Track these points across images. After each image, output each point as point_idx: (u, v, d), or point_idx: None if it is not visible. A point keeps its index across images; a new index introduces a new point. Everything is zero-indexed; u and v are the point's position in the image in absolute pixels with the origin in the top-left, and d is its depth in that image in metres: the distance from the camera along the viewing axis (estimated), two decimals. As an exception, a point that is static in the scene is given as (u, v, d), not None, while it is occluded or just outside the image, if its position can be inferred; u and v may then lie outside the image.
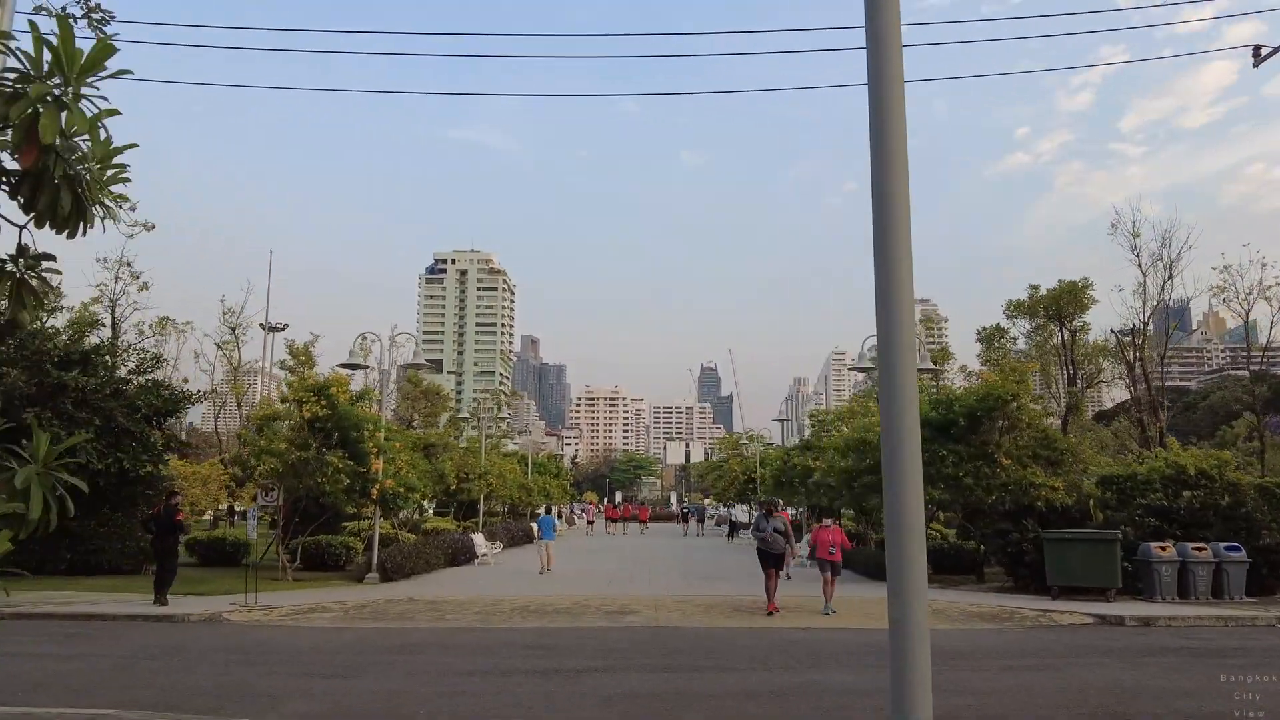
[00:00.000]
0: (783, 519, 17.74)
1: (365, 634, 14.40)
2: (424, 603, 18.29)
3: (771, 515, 17.44)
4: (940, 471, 21.85)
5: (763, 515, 17.56)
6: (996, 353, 38.46)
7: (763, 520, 17.32)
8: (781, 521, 17.44)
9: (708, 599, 19.13)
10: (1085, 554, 18.68)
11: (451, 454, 35.41)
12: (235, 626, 15.35)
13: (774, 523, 17.12)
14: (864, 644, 13.52)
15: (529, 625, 15.29)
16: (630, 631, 14.53)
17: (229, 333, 36.73)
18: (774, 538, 16.80)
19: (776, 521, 17.23)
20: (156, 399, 23.14)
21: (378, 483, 21.96)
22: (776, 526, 17.03)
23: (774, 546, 16.84)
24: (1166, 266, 30.80)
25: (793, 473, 35.21)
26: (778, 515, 17.74)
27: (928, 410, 23.02)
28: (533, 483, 52.23)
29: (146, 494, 23.93)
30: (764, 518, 17.40)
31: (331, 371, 23.86)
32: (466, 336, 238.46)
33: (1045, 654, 12.73)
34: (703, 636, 14.11)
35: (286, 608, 17.39)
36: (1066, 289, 34.20)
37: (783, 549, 16.97)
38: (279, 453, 21.10)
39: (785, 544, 17.08)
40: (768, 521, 17.13)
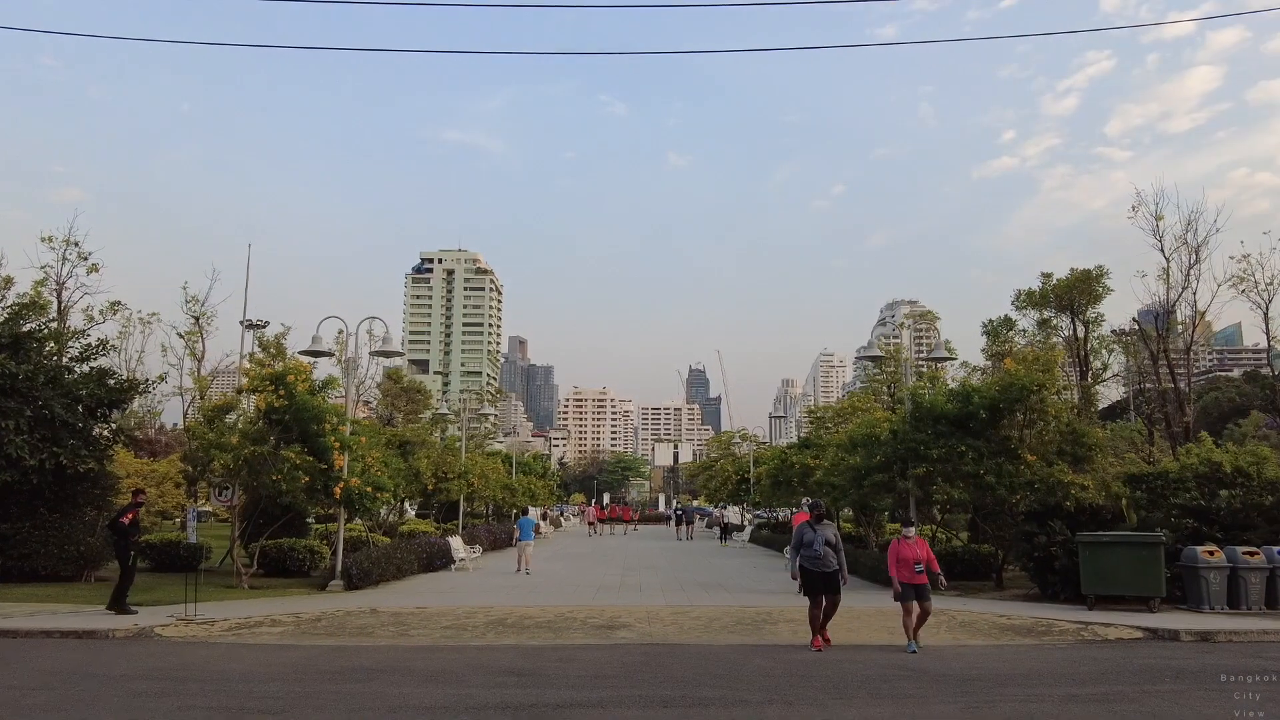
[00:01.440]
0: (834, 527, 13.47)
1: (312, 654, 12.39)
2: (387, 615, 16.29)
3: (822, 521, 13.22)
4: (959, 469, 20.03)
5: (809, 523, 13.28)
6: (1002, 346, 36.67)
7: (809, 529, 13.10)
8: (834, 530, 13.23)
9: (707, 610, 17.20)
10: (1125, 559, 16.84)
11: (428, 452, 33.35)
12: (164, 645, 13.31)
13: (824, 532, 12.97)
14: (893, 666, 11.63)
15: (505, 643, 13.32)
16: (622, 651, 12.58)
17: (193, 322, 34.57)
18: (825, 553, 12.82)
19: (827, 530, 13.05)
20: (100, 389, 21.02)
21: (341, 481, 19.92)
22: (828, 538, 12.91)
23: (826, 564, 12.85)
24: (1193, 250, 29.09)
25: (791, 472, 33.34)
26: (828, 522, 13.47)
27: (943, 403, 21.22)
28: (517, 483, 50.16)
29: (92, 493, 21.82)
30: (810, 525, 13.16)
31: (291, 358, 21.78)
32: (453, 337, 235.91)
33: (1108, 679, 10.84)
34: (705, 658, 12.18)
35: (231, 621, 15.36)
36: (1079, 278, 32.46)
37: (836, 567, 12.89)
38: (231, 447, 19.05)
39: (839, 560, 12.97)
40: (816, 530, 13.02)
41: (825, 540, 12.87)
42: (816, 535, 12.91)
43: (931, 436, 20.53)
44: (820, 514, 13.33)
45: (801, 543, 13.06)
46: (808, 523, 13.33)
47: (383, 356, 23.36)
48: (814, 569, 12.87)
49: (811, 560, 12.85)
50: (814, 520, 13.25)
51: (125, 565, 16.34)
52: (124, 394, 21.64)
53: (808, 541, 12.96)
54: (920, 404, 21.41)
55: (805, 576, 12.99)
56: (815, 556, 12.81)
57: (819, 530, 13.01)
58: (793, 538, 13.40)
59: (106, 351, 22.48)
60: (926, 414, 21.07)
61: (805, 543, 12.98)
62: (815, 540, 12.86)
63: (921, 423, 21.01)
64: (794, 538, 13.36)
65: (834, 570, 12.84)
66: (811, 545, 12.85)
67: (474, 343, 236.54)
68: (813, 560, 12.84)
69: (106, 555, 21.68)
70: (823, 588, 12.84)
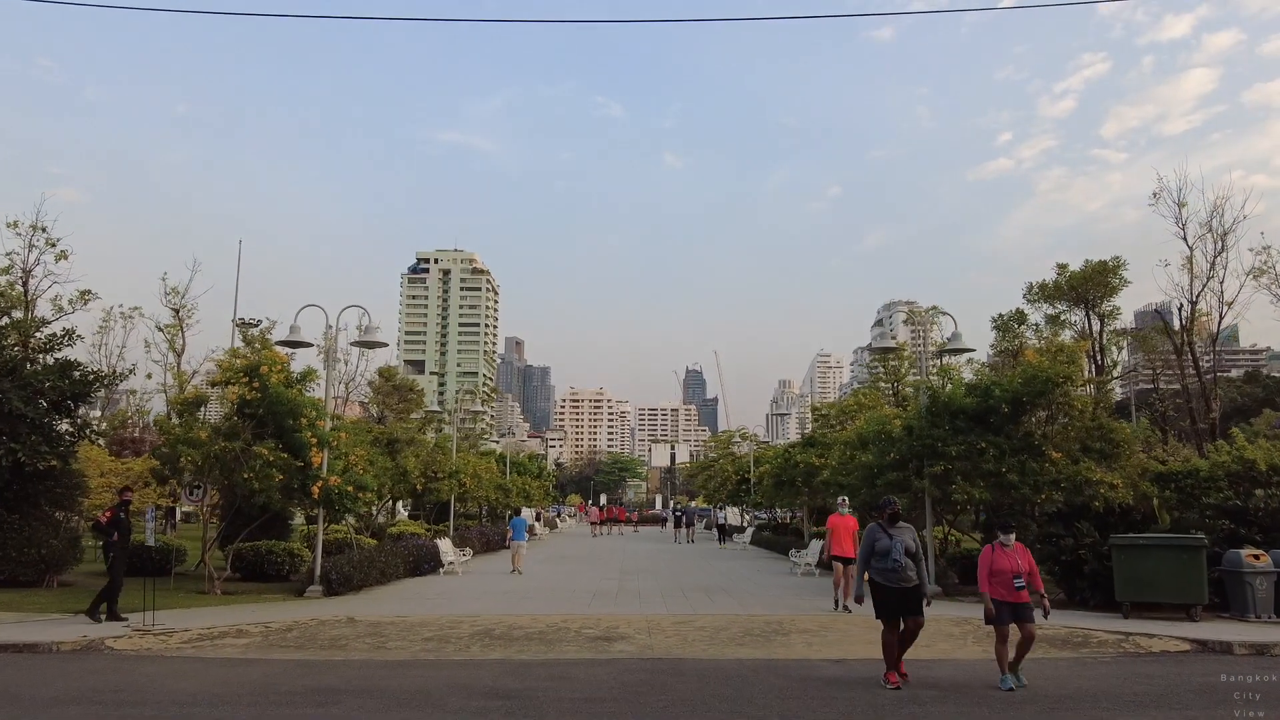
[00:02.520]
0: (913, 531, 10.70)
1: (275, 671, 11.10)
2: (365, 625, 14.99)
3: (897, 524, 10.54)
4: (979, 467, 18.76)
5: (880, 525, 10.55)
6: (1012, 341, 35.40)
7: (882, 533, 10.39)
8: (913, 535, 10.54)
9: (711, 619, 15.91)
10: (1164, 563, 15.57)
11: (417, 450, 32.02)
12: (113, 660, 12.01)
13: (902, 537, 10.32)
14: (923, 684, 10.37)
15: (491, 658, 12.04)
16: (620, 667, 11.29)
17: (172, 315, 33.23)
18: (905, 563, 10.15)
19: (906, 535, 10.38)
20: (63, 381, 19.70)
21: (319, 479, 18.62)
22: (907, 544, 10.27)
23: (905, 577, 10.16)
24: (1219, 238, 27.86)
25: (794, 471, 32.06)
26: (906, 525, 10.69)
27: (961, 397, 19.96)
28: (511, 483, 48.83)
29: (55, 492, 20.49)
30: (883, 528, 10.46)
31: (261, 344, 20.45)
32: (449, 337, 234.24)
33: (1170, 701, 9.57)
34: (713, 675, 10.90)
35: (193, 631, 14.06)
36: (1096, 269, 31.21)
37: (917, 581, 10.27)
38: (200, 443, 17.74)
39: (920, 572, 10.37)
40: (892, 535, 10.32)
41: (905, 548, 10.21)
42: (894, 542, 10.23)
43: (949, 432, 19.28)
44: (895, 513, 10.59)
45: (874, 550, 10.34)
46: (879, 525, 10.58)
47: (365, 347, 22.01)
48: (891, 584, 10.23)
49: (888, 573, 10.22)
50: (888, 522, 10.55)
51: (109, 569, 15.14)
52: (89, 387, 20.31)
53: (882, 549, 10.26)
54: (937, 398, 20.15)
55: (879, 594, 10.30)
56: (894, 569, 10.15)
57: (895, 535, 10.32)
58: (862, 545, 10.62)
59: (73, 342, 21.15)
60: (943, 409, 19.82)
61: (879, 551, 10.28)
62: (893, 548, 10.16)
63: (938, 418, 19.76)
64: (863, 545, 10.59)
65: (916, 585, 10.22)
66: (888, 554, 10.14)
67: (470, 343, 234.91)
68: (889, 573, 10.21)
69: (70, 559, 20.40)
70: (902, 608, 10.19)
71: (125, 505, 15.83)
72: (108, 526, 15.28)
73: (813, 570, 25.44)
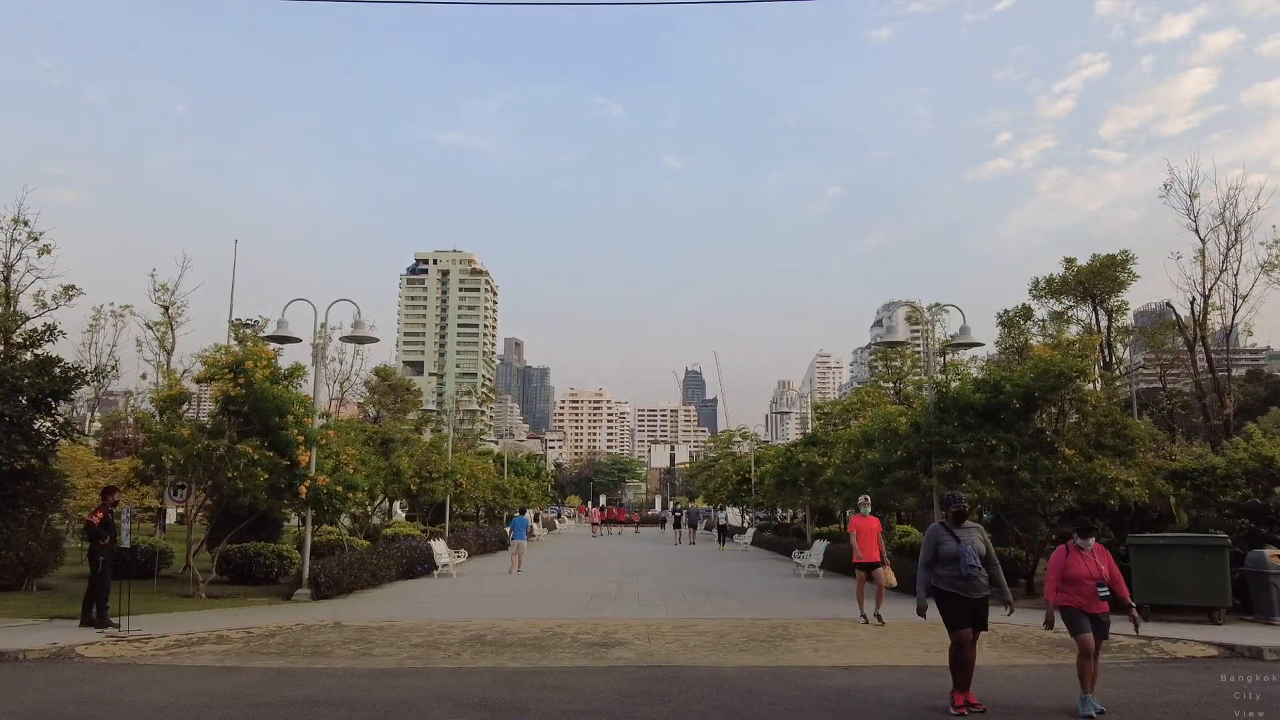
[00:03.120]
0: (982, 531, 9.26)
1: (252, 681, 10.47)
2: (352, 630, 14.36)
3: (964, 524, 9.10)
4: (989, 464, 18.13)
5: (945, 526, 9.13)
6: (1017, 338, 34.79)
7: (948, 535, 8.96)
8: (983, 536, 9.14)
9: (713, 623, 15.28)
10: (1184, 564, 14.95)
11: (411, 450, 31.37)
12: (82, 669, 11.37)
13: (971, 538, 8.92)
14: (942, 693, 9.75)
15: (481, 665, 11.40)
16: (617, 676, 10.66)
17: (162, 312, 32.57)
18: (978, 570, 8.77)
19: (975, 536, 8.99)
20: (42, 378, 19.05)
21: (307, 479, 17.99)
22: (978, 547, 8.90)
23: (977, 585, 8.78)
24: (1232, 230, 27.24)
25: (797, 471, 31.42)
26: (973, 525, 9.28)
27: (970, 392, 19.33)
28: (509, 484, 48.18)
29: (35, 492, 19.83)
30: (949, 529, 9.04)
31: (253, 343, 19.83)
32: (448, 338, 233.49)
33: (1206, 713, 8.94)
34: (716, 684, 10.26)
35: (170, 637, 13.43)
36: (1104, 264, 30.58)
37: (989, 590, 8.92)
38: (182, 441, 17.10)
39: (997, 577, 9.00)
40: (960, 537, 8.89)
41: (976, 550, 8.81)
42: (963, 545, 8.77)
43: (958, 429, 18.66)
44: (961, 511, 9.12)
45: (939, 555, 8.87)
46: (943, 526, 9.09)
47: (355, 342, 21.38)
48: (961, 593, 8.72)
49: (958, 580, 8.72)
50: (953, 521, 9.08)
51: (94, 572, 14.50)
52: (70, 384, 19.66)
53: (949, 554, 8.79)
54: (945, 394, 19.52)
55: (947, 605, 8.84)
56: (965, 576, 8.69)
57: (964, 536, 8.87)
58: (922, 549, 9.14)
59: (54, 338, 20.51)
60: (952, 405, 19.19)
61: (946, 555, 8.81)
62: (964, 551, 8.72)
63: (946, 414, 19.13)
64: (925, 549, 9.07)
65: (987, 595, 8.88)
66: (959, 559, 8.71)
67: (469, 344, 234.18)
68: (960, 580, 8.71)
69: (51, 561, 19.77)
70: (973, 619, 8.82)
71: (113, 506, 15.17)
72: (101, 529, 14.63)
73: (816, 572, 24.82)
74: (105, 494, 15.60)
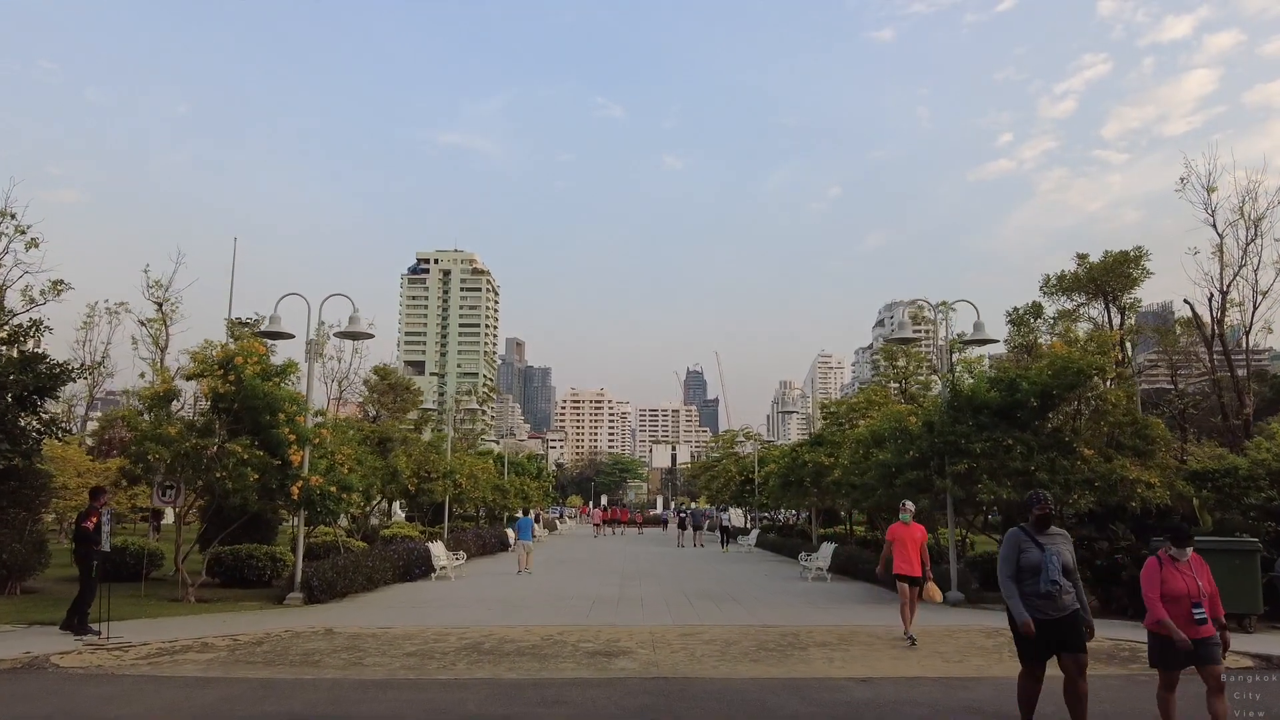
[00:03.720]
0: (1069, 539, 7.71)
1: (235, 694, 9.86)
2: (344, 637, 13.74)
3: (1048, 529, 7.53)
4: (1006, 465, 17.51)
5: (1023, 533, 7.56)
6: (1027, 336, 34.15)
7: (1030, 542, 7.44)
8: (1069, 544, 7.60)
9: (720, 630, 14.65)
10: (1214, 570, 14.21)
11: (408, 449, 30.75)
12: (54, 680, 10.76)
13: (1057, 547, 7.40)
14: (964, 707, 9.14)
15: (477, 677, 10.78)
16: (621, 689, 10.04)
17: (155, 309, 31.95)
18: (1064, 585, 7.27)
19: (1061, 544, 7.46)
20: (27, 374, 18.45)
21: (299, 479, 17.37)
22: (1064, 557, 7.36)
23: (1060, 603, 7.28)
24: (1252, 224, 26.61)
25: (803, 471, 30.78)
26: (1059, 531, 7.67)
27: (985, 391, 18.70)
28: (509, 484, 47.56)
29: (21, 493, 19.23)
30: (1031, 536, 7.49)
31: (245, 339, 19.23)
32: (449, 338, 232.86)
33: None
34: (725, 698, 9.65)
35: (152, 645, 12.83)
36: (1116, 260, 29.94)
37: (1075, 607, 7.32)
38: (169, 440, 16.49)
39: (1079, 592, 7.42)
40: (1043, 545, 7.37)
41: (1062, 563, 7.27)
42: (1047, 554, 7.24)
43: (973, 429, 18.04)
44: (1046, 515, 7.47)
45: (1022, 566, 7.33)
46: (1024, 532, 7.49)
47: (350, 338, 20.79)
48: (1043, 613, 7.21)
49: (1035, 597, 7.24)
50: (1035, 526, 7.47)
51: (85, 577, 13.88)
52: (57, 380, 19.06)
53: (1032, 563, 7.26)
54: (959, 392, 18.90)
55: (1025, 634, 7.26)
56: (1049, 593, 7.17)
57: (1048, 545, 7.33)
58: (1001, 559, 7.53)
59: (40, 333, 19.92)
60: (966, 403, 18.57)
61: (1030, 565, 7.28)
62: (1046, 563, 7.18)
63: (960, 413, 18.51)
64: (1003, 559, 7.50)
65: (1073, 613, 7.26)
66: (1040, 572, 7.19)
67: (470, 344, 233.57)
68: (1042, 599, 7.21)
69: (36, 564, 19.16)
70: (1056, 643, 7.26)
71: (103, 508, 14.49)
72: (94, 533, 13.98)
73: (824, 575, 24.20)
74: (94, 495, 14.86)
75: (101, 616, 13.47)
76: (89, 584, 13.88)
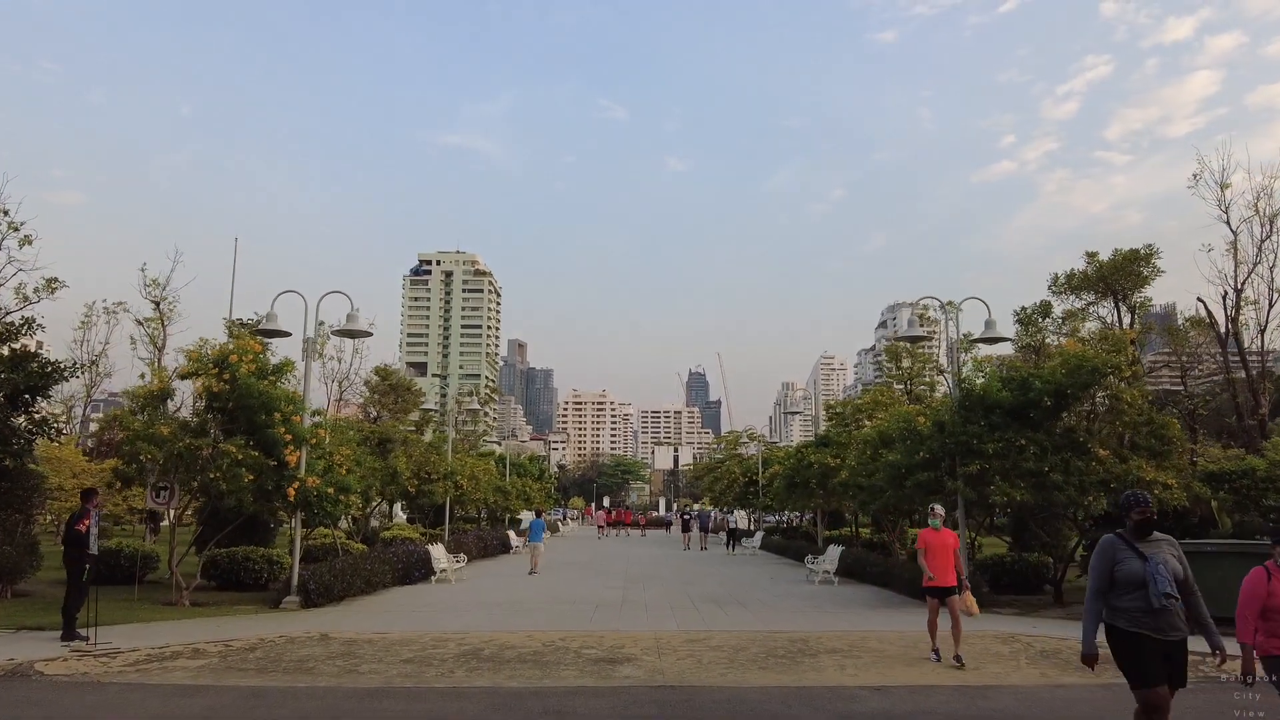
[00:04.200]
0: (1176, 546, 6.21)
1: (224, 703, 9.46)
2: (339, 643, 13.35)
3: (1151, 536, 6.11)
4: (1019, 466, 17.11)
5: (1121, 540, 6.13)
6: (1035, 336, 33.68)
7: (1129, 552, 6.02)
8: (1178, 553, 6.12)
9: (727, 636, 14.24)
10: (1236, 574, 13.63)
11: (408, 450, 30.38)
12: (39, 687, 10.37)
13: (1163, 555, 5.99)
14: (983, 718, 8.74)
15: (476, 686, 10.38)
16: (625, 698, 9.64)
17: (153, 308, 31.58)
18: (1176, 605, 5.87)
19: (1168, 553, 6.05)
20: (17, 373, 18.08)
21: (295, 480, 16.99)
22: (1174, 567, 5.96)
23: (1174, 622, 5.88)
24: (1267, 221, 26.22)
25: (809, 473, 30.36)
26: (1164, 538, 6.19)
27: (997, 390, 18.29)
28: (510, 485, 47.16)
29: (14, 493, 18.85)
30: (1126, 543, 6.08)
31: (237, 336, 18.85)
32: (451, 339, 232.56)
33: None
34: (733, 709, 9.24)
35: (141, 651, 12.43)
36: (1126, 258, 29.52)
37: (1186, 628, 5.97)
38: (161, 440, 16.11)
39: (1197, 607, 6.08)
40: (1146, 555, 5.97)
41: (1173, 574, 5.89)
42: (1152, 564, 5.86)
43: (985, 429, 17.64)
44: (1148, 519, 6.08)
45: (1119, 579, 5.96)
46: (1121, 539, 6.08)
47: (348, 336, 20.43)
48: (1155, 632, 5.82)
49: (1143, 615, 5.84)
50: (1135, 533, 6.08)
51: (73, 581, 13.49)
52: (49, 379, 18.69)
53: (1132, 577, 5.89)
54: (971, 392, 18.49)
55: (1129, 649, 5.91)
56: (1160, 609, 5.78)
57: (1153, 554, 5.95)
58: (1093, 571, 6.13)
59: (32, 331, 19.53)
60: (978, 403, 18.16)
61: (1127, 579, 5.91)
62: (1153, 574, 5.80)
63: (972, 413, 18.11)
64: (1095, 571, 6.10)
65: (1185, 637, 5.96)
66: (1143, 585, 5.82)
67: (472, 345, 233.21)
68: (1147, 615, 5.83)
69: (28, 566, 18.77)
70: (1172, 671, 5.91)
71: (91, 511, 14.08)
72: (85, 536, 13.59)
73: (831, 578, 23.77)
74: (85, 497, 14.45)
75: (90, 621, 13.09)
76: (79, 588, 13.49)
